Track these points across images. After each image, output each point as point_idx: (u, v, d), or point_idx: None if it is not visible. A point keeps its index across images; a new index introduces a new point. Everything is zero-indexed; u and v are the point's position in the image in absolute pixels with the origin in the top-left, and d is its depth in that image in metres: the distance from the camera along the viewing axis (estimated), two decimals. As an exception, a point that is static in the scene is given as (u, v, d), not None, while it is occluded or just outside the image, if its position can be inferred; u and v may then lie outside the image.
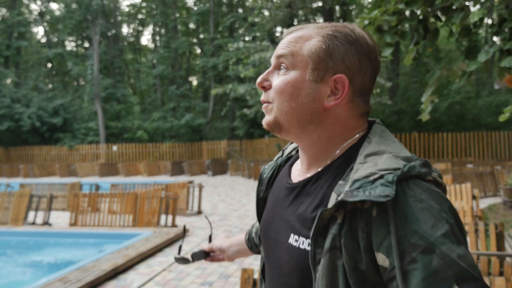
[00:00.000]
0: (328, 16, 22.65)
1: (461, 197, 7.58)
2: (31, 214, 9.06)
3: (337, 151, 0.92)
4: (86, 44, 36.40)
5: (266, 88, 0.95)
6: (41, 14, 36.75)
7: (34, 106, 29.06)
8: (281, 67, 0.93)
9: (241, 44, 20.67)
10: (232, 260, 1.50)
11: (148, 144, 27.60)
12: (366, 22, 4.22)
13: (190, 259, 1.52)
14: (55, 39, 38.14)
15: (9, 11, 32.01)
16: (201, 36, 36.85)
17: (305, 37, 0.91)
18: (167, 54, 32.72)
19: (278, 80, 0.92)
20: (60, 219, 9.52)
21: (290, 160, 1.11)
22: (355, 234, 0.78)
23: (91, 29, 30.12)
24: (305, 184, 0.94)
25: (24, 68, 35.98)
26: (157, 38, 37.94)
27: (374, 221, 0.77)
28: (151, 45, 40.80)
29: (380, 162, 0.80)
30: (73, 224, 8.18)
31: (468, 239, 4.92)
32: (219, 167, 21.89)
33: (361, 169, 0.81)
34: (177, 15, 34.85)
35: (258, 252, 1.39)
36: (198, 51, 37.83)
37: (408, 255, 0.72)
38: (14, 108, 28.39)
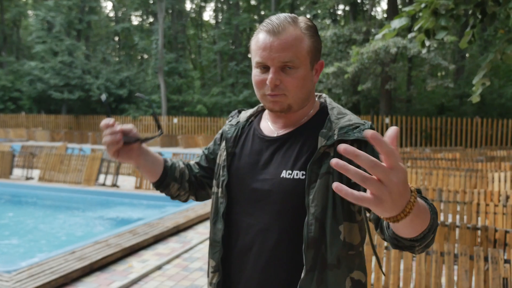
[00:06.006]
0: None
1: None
2: (101, 177, 9.92)
3: (305, 117, 1.29)
4: (151, 19, 37.61)
5: (277, 85, 1.20)
6: (111, -11, 38.30)
7: (103, 78, 30.75)
8: (289, 67, 1.18)
9: (301, 22, 20.67)
10: (138, 161, 1.30)
11: (207, 118, 28.43)
12: (423, 5, 4.36)
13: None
14: (122, 14, 39.71)
15: (82, -14, 33.62)
16: (262, 12, 36.94)
17: (299, 39, 1.20)
18: (228, 30, 33.21)
19: (292, 78, 1.19)
20: (126, 182, 10.32)
21: (253, 123, 1.40)
22: None
23: (157, 5, 31.08)
24: (288, 136, 1.27)
25: (93, 41, 37.88)
26: (219, 14, 38.48)
27: None
28: (213, 21, 41.45)
29: (352, 119, 1.22)
30: (138, 187, 8.90)
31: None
32: (274, 144, 22.24)
33: (340, 122, 1.21)
34: (240, -9, 35.12)
35: (166, 181, 1.38)
36: (259, 28, 37.97)
37: None
38: (84, 79, 30.22)
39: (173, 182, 1.41)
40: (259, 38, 1.22)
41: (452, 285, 3.06)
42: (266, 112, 1.39)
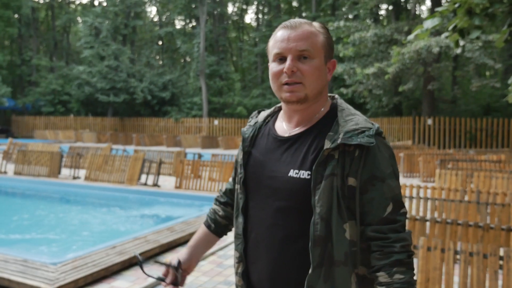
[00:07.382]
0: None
1: None
2: (143, 176, 10.26)
3: (317, 115, 1.36)
4: (194, 23, 38.36)
5: (294, 72, 1.28)
6: (155, -6, 39.37)
7: (146, 81, 31.71)
8: (305, 57, 1.29)
9: (341, 23, 20.55)
10: (191, 270, 1.64)
11: (247, 119, 28.62)
12: (457, 5, 4.33)
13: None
14: (165, 19, 40.75)
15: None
16: (303, 14, 36.89)
17: (314, 33, 1.32)
18: (269, 32, 33.33)
19: (308, 66, 1.29)
20: (167, 182, 10.63)
21: (269, 123, 1.49)
22: (343, 165, 1.24)
23: (199, 9, 31.70)
24: (298, 136, 1.35)
25: (138, 46, 39.10)
26: (260, 16, 38.76)
27: (355, 158, 1.24)
28: (254, 24, 41.78)
29: (359, 122, 1.27)
30: (178, 187, 9.17)
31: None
32: (313, 145, 22.17)
33: (347, 125, 1.27)
34: (280, -7, 35.24)
35: (224, 233, 1.65)
36: (299, 29, 37.89)
37: (370, 180, 1.23)
38: (129, 82, 31.26)
39: (227, 230, 1.65)
40: (277, 34, 1.35)
41: (482, 285, 3.04)
42: (281, 112, 1.47)
